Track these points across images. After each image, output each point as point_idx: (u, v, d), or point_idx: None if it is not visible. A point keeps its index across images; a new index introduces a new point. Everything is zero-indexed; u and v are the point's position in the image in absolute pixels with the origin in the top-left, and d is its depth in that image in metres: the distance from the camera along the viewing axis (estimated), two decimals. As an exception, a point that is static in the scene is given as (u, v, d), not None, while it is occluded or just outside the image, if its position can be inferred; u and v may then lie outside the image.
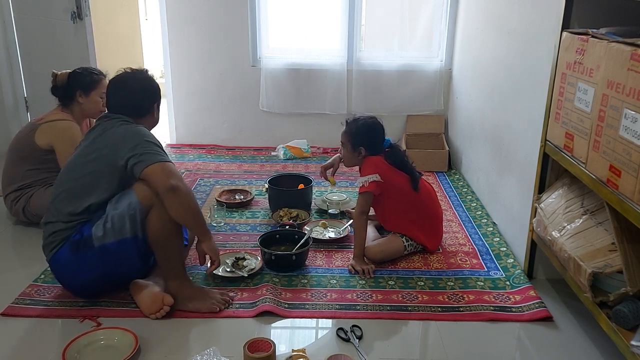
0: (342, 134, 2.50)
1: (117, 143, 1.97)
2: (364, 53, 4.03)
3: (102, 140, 2.02)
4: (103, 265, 1.98)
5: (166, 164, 1.94)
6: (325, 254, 2.52)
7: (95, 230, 1.94)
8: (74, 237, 1.97)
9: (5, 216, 2.83)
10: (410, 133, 4.01)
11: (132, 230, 1.95)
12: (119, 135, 2.00)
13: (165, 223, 1.95)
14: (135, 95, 2.11)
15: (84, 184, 1.99)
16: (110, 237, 1.94)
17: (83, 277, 2.01)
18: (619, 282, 1.69)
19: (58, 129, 2.65)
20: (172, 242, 2.01)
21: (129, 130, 2.01)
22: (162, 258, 2.03)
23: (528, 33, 2.48)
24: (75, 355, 1.75)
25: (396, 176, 2.43)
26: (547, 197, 2.15)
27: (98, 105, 2.74)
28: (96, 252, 1.94)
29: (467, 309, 2.10)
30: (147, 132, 2.05)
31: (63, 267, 2.00)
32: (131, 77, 2.14)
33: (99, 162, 1.98)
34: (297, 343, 1.91)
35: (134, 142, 1.96)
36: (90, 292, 2.09)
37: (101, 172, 1.98)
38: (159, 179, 1.90)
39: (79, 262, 1.96)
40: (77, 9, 3.37)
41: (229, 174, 3.60)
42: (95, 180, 1.98)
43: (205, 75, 4.04)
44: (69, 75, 2.70)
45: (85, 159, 2.02)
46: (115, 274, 2.04)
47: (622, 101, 1.55)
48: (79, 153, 2.06)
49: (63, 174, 2.07)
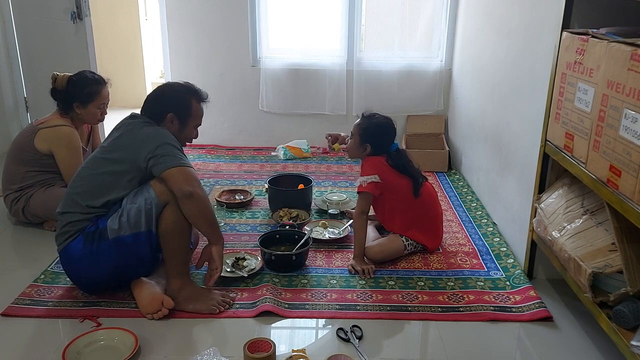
0: (355, 125, 2.51)
1: (139, 144, 2.01)
2: (364, 53, 4.03)
3: (125, 140, 2.05)
4: (115, 259, 1.99)
5: (185, 169, 1.98)
6: (325, 254, 2.51)
7: (111, 223, 1.97)
8: (89, 229, 1.99)
9: (5, 216, 2.83)
10: (410, 133, 4.01)
11: (147, 224, 1.98)
12: (141, 136, 2.03)
13: (177, 221, 1.99)
14: (153, 97, 2.17)
15: (104, 181, 2.02)
16: (125, 230, 1.96)
17: (94, 270, 2.02)
18: (619, 282, 1.69)
19: (57, 135, 2.65)
20: (180, 239, 2.03)
21: (152, 132, 2.04)
22: (168, 254, 2.04)
23: (528, 33, 2.48)
24: (75, 356, 1.75)
25: (396, 178, 2.43)
26: (547, 197, 2.15)
27: (96, 116, 2.73)
28: (110, 244, 1.97)
29: (467, 309, 2.10)
30: (169, 134, 2.07)
31: (75, 259, 2.01)
32: (168, 83, 2.24)
33: (121, 163, 2.02)
34: (297, 343, 1.91)
35: (155, 143, 1.99)
36: (97, 286, 2.10)
37: (122, 172, 2.02)
38: (177, 183, 1.95)
39: (91, 254, 1.98)
40: (77, 9, 3.36)
41: (229, 174, 3.60)
42: (116, 179, 2.02)
43: (205, 75, 4.04)
44: (68, 81, 2.66)
45: (108, 156, 2.05)
46: (126, 268, 2.05)
47: (622, 101, 1.55)
48: (102, 149, 2.10)
49: (85, 167, 2.10)
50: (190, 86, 2.21)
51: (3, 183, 2.76)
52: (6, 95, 3.97)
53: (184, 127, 2.17)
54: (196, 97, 2.19)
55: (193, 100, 2.18)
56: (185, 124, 2.17)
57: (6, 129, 3.94)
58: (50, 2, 3.49)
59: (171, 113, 2.13)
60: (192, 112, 2.17)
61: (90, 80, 2.70)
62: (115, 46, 5.37)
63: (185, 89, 2.19)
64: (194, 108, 2.18)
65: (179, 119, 2.14)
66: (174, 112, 2.13)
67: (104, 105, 2.75)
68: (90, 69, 3.25)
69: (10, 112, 4.02)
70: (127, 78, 5.35)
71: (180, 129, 2.16)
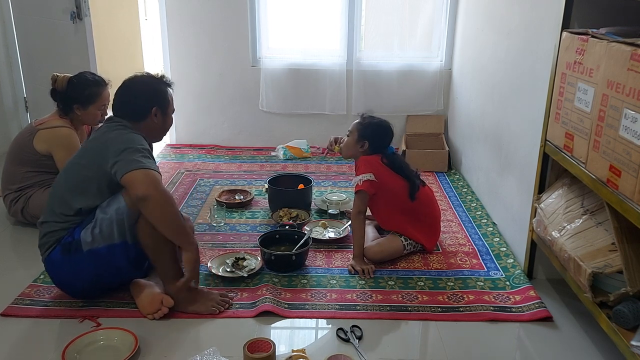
0: (354, 123, 2.52)
1: (105, 149, 1.94)
2: (363, 53, 4.03)
3: (93, 144, 2.03)
4: (94, 269, 1.97)
5: (143, 171, 1.86)
6: (325, 254, 2.51)
7: (84, 235, 1.93)
8: (65, 239, 1.96)
9: (4, 216, 2.83)
10: (410, 133, 4.01)
11: (120, 235, 1.93)
12: (108, 141, 1.96)
13: (154, 229, 1.92)
14: (132, 96, 2.07)
15: (76, 187, 1.98)
16: (99, 243, 1.93)
17: (75, 279, 2.01)
18: (619, 282, 1.69)
19: (56, 136, 2.64)
20: (163, 246, 1.96)
21: (118, 136, 1.97)
22: (156, 262, 2.01)
23: (528, 33, 2.48)
24: (75, 356, 1.75)
25: (392, 178, 2.43)
26: (547, 197, 2.15)
27: (96, 117, 2.73)
28: (85, 256, 1.94)
29: (467, 309, 2.10)
30: (137, 138, 1.98)
31: (56, 268, 2.00)
32: (135, 79, 2.13)
33: (89, 168, 1.97)
34: (297, 343, 1.91)
35: (120, 147, 1.91)
36: (84, 293, 2.08)
37: (91, 178, 1.96)
38: (132, 188, 1.85)
39: (70, 264, 1.96)
40: (77, 9, 3.36)
41: (229, 174, 3.60)
42: (86, 185, 1.97)
43: (205, 75, 4.04)
44: (68, 83, 2.65)
45: (79, 161, 2.02)
46: (107, 278, 2.03)
47: (622, 101, 1.55)
48: (76, 155, 2.08)
49: (60, 175, 2.09)
50: (156, 75, 2.16)
51: (2, 183, 2.76)
52: (6, 95, 3.97)
53: (165, 117, 2.14)
54: (166, 84, 2.16)
55: (167, 88, 2.15)
56: (165, 114, 2.13)
57: (6, 129, 3.94)
58: (50, 2, 3.49)
59: (155, 106, 2.08)
60: (169, 100, 2.14)
61: (91, 81, 2.69)
62: (115, 46, 5.37)
63: (156, 80, 2.14)
64: (169, 95, 2.15)
65: (161, 110, 2.11)
66: (157, 105, 2.09)
67: (104, 106, 2.74)
68: (90, 69, 3.25)
69: (10, 112, 4.02)
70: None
71: (163, 120, 2.13)
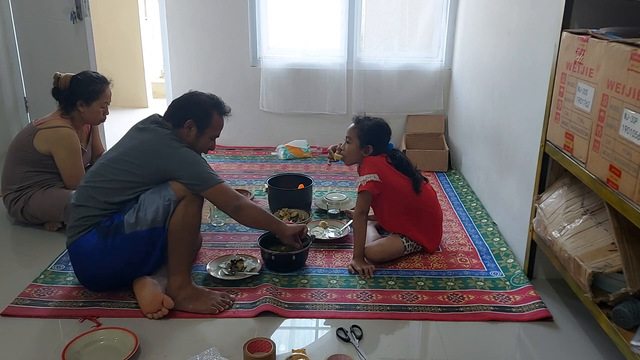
0: (351, 130, 2.49)
1: (172, 162, 2.05)
2: (364, 53, 4.03)
3: (150, 146, 2.06)
4: (129, 253, 2.02)
5: (224, 186, 2.10)
6: (325, 254, 2.51)
7: (128, 217, 2.01)
8: (104, 223, 2.02)
9: (4, 216, 2.83)
10: (410, 133, 4.01)
11: (162, 221, 2.01)
12: (170, 153, 2.05)
13: (187, 217, 2.03)
14: (178, 101, 2.21)
15: (125, 186, 2.06)
16: (142, 225, 2.00)
17: (102, 265, 2.04)
18: (619, 282, 1.69)
19: (57, 137, 2.65)
20: (187, 236, 2.06)
21: (182, 155, 2.07)
22: (173, 251, 2.05)
23: (528, 33, 2.48)
24: (75, 355, 1.75)
25: (396, 177, 2.43)
26: (547, 197, 2.15)
27: (99, 115, 2.74)
28: (125, 239, 2.00)
29: (467, 309, 2.10)
30: (193, 155, 2.11)
31: (84, 253, 2.04)
32: (193, 91, 2.25)
33: (144, 169, 2.04)
34: (297, 343, 1.91)
35: (187, 164, 2.06)
36: (101, 281, 2.11)
37: (144, 175, 2.05)
38: (222, 201, 2.10)
39: (105, 248, 2.01)
40: (77, 9, 3.36)
41: (229, 174, 3.60)
42: (137, 184, 2.05)
43: (205, 76, 4.04)
44: (71, 81, 2.67)
45: (130, 159, 2.06)
46: (134, 264, 2.07)
47: (622, 101, 1.55)
48: (124, 149, 2.10)
49: (104, 165, 2.10)
50: (215, 98, 2.24)
51: (2, 183, 2.76)
52: (6, 95, 3.97)
53: (200, 136, 2.17)
54: (218, 108, 2.22)
55: (214, 111, 2.20)
56: (202, 133, 2.17)
57: (6, 129, 3.94)
58: (50, 2, 3.49)
59: (190, 119, 2.14)
60: (211, 123, 2.19)
61: (95, 78, 2.72)
62: (115, 46, 5.37)
63: (209, 99, 2.21)
64: (214, 119, 2.19)
65: (197, 126, 2.16)
66: (194, 119, 2.14)
67: (106, 104, 2.76)
68: (90, 69, 3.25)
69: (10, 112, 4.02)
70: (127, 78, 5.35)
71: (197, 137, 2.17)
